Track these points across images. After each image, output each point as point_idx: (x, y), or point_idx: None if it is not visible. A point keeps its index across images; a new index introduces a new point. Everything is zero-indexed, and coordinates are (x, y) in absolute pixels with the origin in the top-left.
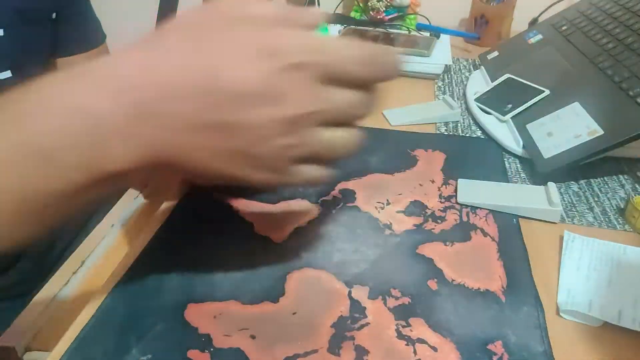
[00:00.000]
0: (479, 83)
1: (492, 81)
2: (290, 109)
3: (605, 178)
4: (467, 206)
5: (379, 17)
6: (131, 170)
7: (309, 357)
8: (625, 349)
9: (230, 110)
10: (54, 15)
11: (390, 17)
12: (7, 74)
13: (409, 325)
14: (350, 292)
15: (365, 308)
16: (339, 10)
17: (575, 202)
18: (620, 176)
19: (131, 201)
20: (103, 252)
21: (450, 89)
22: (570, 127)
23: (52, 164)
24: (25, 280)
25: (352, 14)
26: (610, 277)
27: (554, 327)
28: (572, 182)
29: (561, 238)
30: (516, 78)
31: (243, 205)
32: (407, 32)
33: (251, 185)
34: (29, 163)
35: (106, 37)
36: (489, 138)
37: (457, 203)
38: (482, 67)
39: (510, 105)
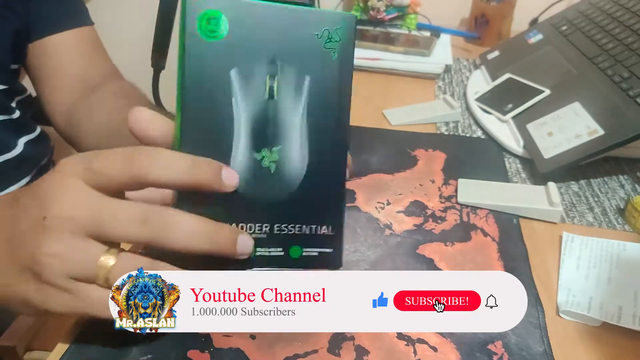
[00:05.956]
0: (479, 83)
1: (493, 81)
2: None
3: (605, 178)
4: (467, 206)
5: (379, 16)
6: None
7: (308, 358)
8: (625, 349)
9: None
10: None
11: (390, 16)
12: None
13: None
14: None
15: None
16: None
17: (575, 202)
18: (620, 176)
19: None
20: None
21: (451, 88)
22: (570, 127)
23: None
24: None
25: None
26: (610, 275)
27: (554, 327)
28: (572, 182)
29: (561, 238)
30: (516, 78)
31: None
32: (407, 31)
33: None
34: None
35: (94, 24)
36: (489, 138)
37: (457, 203)
38: (483, 67)
39: (510, 105)
